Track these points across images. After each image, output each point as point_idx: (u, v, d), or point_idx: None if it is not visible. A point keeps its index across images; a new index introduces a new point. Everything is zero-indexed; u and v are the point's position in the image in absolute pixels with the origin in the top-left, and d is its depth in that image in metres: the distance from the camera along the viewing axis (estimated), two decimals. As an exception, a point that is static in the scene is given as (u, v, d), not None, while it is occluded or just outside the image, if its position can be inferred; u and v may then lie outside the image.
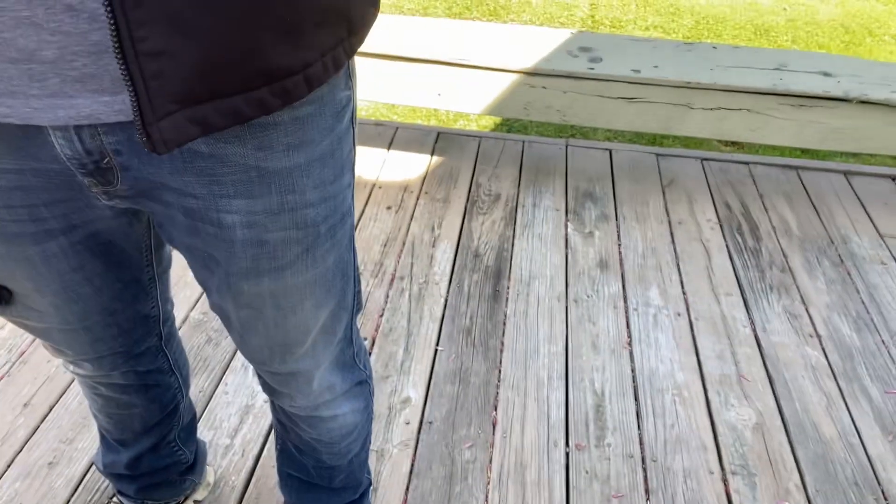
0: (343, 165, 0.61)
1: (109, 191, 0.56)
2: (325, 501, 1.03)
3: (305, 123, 0.54)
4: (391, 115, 3.12)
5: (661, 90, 2.04)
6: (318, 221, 0.61)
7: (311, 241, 0.61)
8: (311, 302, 0.67)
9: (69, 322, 0.71)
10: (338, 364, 0.81)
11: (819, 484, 1.39)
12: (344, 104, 0.58)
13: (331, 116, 0.56)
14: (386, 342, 1.65)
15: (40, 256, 0.62)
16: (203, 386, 1.52)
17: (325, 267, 0.65)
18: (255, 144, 0.53)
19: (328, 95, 0.55)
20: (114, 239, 0.67)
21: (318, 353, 0.75)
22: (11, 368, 1.53)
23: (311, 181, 0.57)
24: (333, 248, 0.65)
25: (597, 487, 1.36)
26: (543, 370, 1.60)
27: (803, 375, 1.62)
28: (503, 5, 4.25)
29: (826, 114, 2.03)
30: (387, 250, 1.94)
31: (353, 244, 0.71)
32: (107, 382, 0.89)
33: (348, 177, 0.64)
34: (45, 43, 0.42)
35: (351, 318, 0.78)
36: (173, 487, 1.15)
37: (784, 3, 4.49)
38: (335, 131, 0.58)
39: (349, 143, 0.62)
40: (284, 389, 0.80)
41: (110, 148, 0.51)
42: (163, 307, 0.87)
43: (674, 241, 2.03)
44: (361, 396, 0.90)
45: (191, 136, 0.46)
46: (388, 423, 1.46)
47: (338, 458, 0.95)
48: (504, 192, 2.21)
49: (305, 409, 0.84)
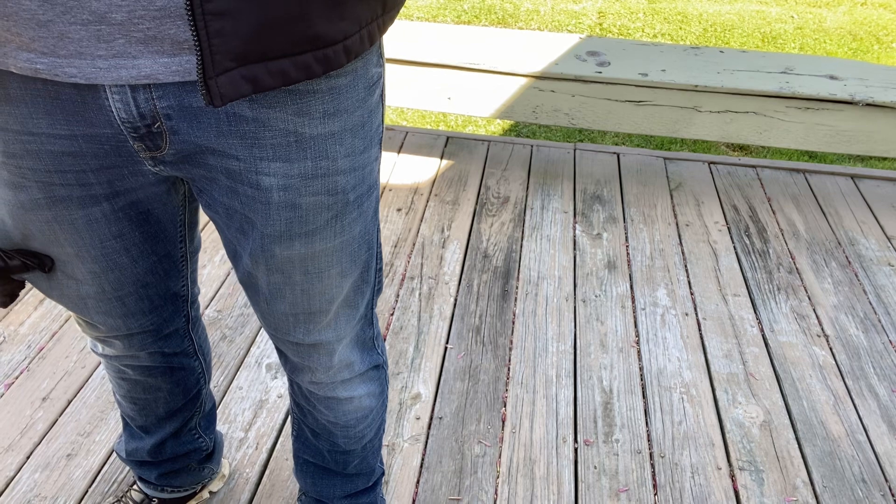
0: (372, 138, 0.65)
1: (157, 156, 0.60)
2: (339, 487, 1.05)
3: (341, 93, 0.58)
4: (401, 121, 3.16)
5: (668, 93, 2.06)
6: (348, 189, 0.64)
7: (339, 207, 0.65)
8: (337, 270, 0.70)
9: (105, 291, 0.74)
10: (358, 342, 0.84)
11: (826, 480, 1.40)
12: (375, 80, 0.62)
13: (363, 89, 0.60)
14: (397, 340, 1.68)
15: (84, 220, 0.65)
16: (218, 381, 1.55)
17: (352, 235, 0.69)
18: (294, 110, 0.57)
19: (361, 69, 0.59)
20: (152, 209, 0.71)
21: (341, 326, 0.78)
22: (31, 364, 1.56)
23: (342, 149, 0.61)
24: (360, 217, 0.68)
25: (605, 482, 1.38)
26: (552, 368, 1.62)
27: (811, 374, 1.63)
28: (511, 13, 4.30)
29: (832, 117, 2.05)
30: (397, 251, 1.97)
31: (377, 217, 0.74)
32: (134, 364, 0.92)
33: (376, 150, 0.67)
34: (116, 7, 0.46)
35: (372, 294, 0.81)
36: (192, 475, 1.17)
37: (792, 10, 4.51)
38: (367, 104, 0.61)
39: (379, 117, 0.65)
40: (306, 363, 0.83)
41: (162, 112, 0.55)
42: (191, 288, 0.90)
43: (681, 243, 2.05)
44: (377, 381, 0.92)
45: (243, 93, 0.50)
46: (398, 419, 1.48)
47: (352, 443, 0.97)
48: (513, 195, 2.23)
49: (324, 386, 0.87)
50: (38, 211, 0.64)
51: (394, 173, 2.31)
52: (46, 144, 0.58)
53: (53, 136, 0.57)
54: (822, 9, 4.56)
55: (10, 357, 1.58)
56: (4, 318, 1.69)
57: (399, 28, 2.30)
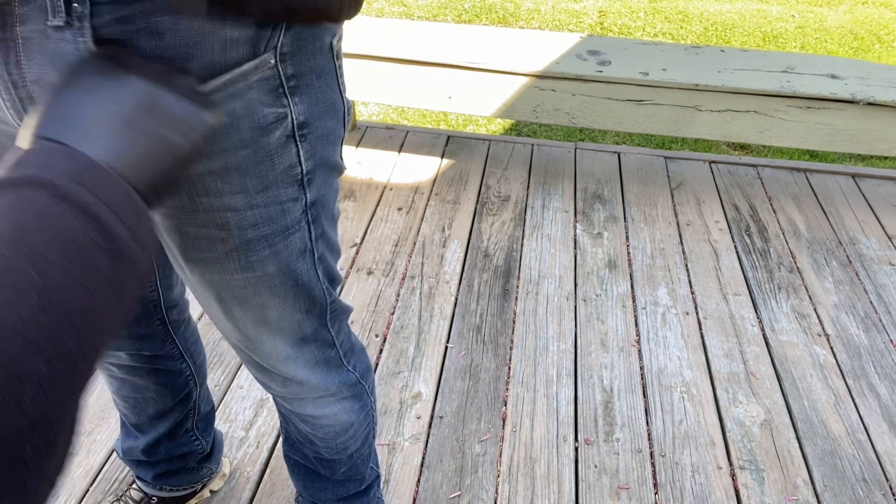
0: (277, 179, 0.61)
1: None
2: (330, 491, 1.04)
3: (217, 134, 0.55)
4: (401, 120, 3.16)
5: (669, 92, 2.06)
6: (245, 226, 0.62)
7: (238, 243, 0.63)
8: (257, 301, 0.69)
9: None
10: (317, 363, 0.81)
11: (827, 479, 1.40)
12: (271, 120, 0.58)
13: (248, 130, 0.57)
14: (397, 339, 1.68)
15: None
16: (219, 380, 1.55)
17: (265, 273, 0.66)
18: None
19: (241, 110, 0.56)
20: None
21: (279, 347, 0.75)
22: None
23: (229, 187, 0.59)
24: (274, 257, 0.66)
25: (605, 481, 1.38)
26: (552, 367, 1.62)
27: (811, 374, 1.63)
28: (512, 13, 4.30)
29: (833, 116, 2.05)
30: (398, 250, 1.97)
31: (312, 258, 0.70)
32: (118, 364, 0.93)
33: (289, 192, 0.63)
34: None
35: (322, 323, 0.77)
36: (190, 474, 1.17)
37: (793, 9, 4.50)
38: (258, 144, 0.58)
39: (288, 160, 0.61)
40: (258, 376, 0.82)
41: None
42: (164, 293, 0.91)
43: (682, 242, 2.05)
44: (355, 397, 0.89)
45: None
46: (399, 418, 1.48)
47: (336, 453, 0.96)
48: (513, 194, 2.23)
49: (292, 402, 0.86)
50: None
51: (394, 172, 2.31)
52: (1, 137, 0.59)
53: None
54: (823, 8, 4.55)
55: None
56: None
57: (399, 27, 2.30)
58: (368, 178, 2.28)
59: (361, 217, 2.10)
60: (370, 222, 2.08)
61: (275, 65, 0.55)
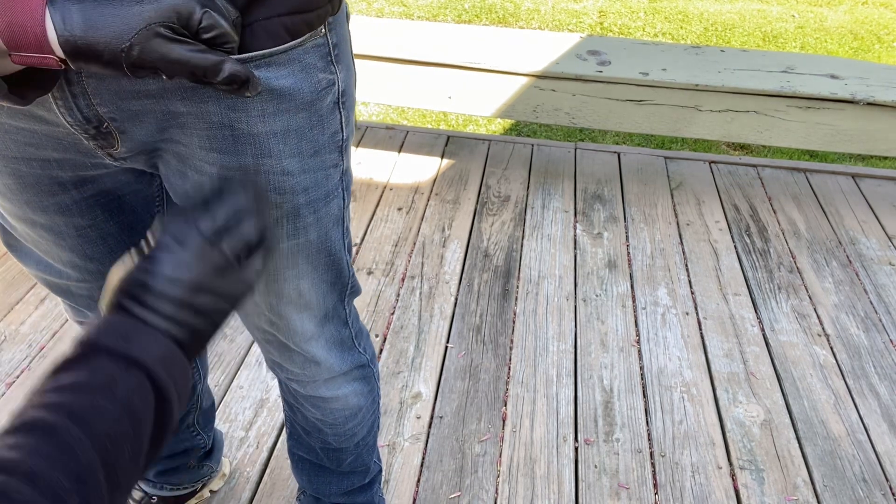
0: (325, 144, 0.64)
1: (113, 153, 0.61)
2: (335, 484, 1.05)
3: (282, 95, 0.58)
4: (401, 120, 3.16)
5: (669, 92, 2.06)
6: (297, 191, 0.65)
7: (289, 208, 0.65)
8: (293, 272, 0.71)
9: (86, 280, 0.76)
10: (334, 342, 0.84)
11: (827, 479, 1.40)
12: (324, 85, 0.61)
13: (308, 93, 0.60)
14: (397, 339, 1.68)
15: (55, 208, 0.67)
16: (219, 380, 1.55)
17: (307, 239, 0.69)
18: (228, 104, 0.57)
19: (300, 72, 0.59)
20: (125, 198, 0.72)
21: (305, 325, 0.78)
22: (32, 363, 1.57)
23: (287, 149, 0.61)
24: (316, 223, 0.69)
25: (605, 481, 1.38)
26: (552, 367, 1.62)
27: (811, 374, 1.63)
28: (512, 13, 4.30)
29: (833, 116, 2.05)
30: (398, 250, 1.97)
31: (342, 228, 0.74)
32: None
33: (333, 158, 0.66)
34: None
35: (342, 297, 0.81)
36: (191, 473, 1.17)
37: (793, 9, 4.51)
38: (313, 108, 0.61)
39: (334, 125, 0.65)
40: (278, 359, 0.84)
41: (106, 115, 0.56)
42: None
43: (682, 243, 2.05)
44: (363, 380, 0.92)
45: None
46: (399, 418, 1.48)
47: (344, 440, 0.97)
48: (513, 194, 2.23)
49: (306, 385, 0.87)
50: (14, 195, 0.66)
51: (394, 172, 2.31)
52: (11, 133, 0.59)
53: (16, 127, 0.59)
54: (823, 8, 4.55)
55: (11, 356, 1.58)
56: (5, 318, 1.69)
57: (399, 27, 2.30)
58: (368, 178, 2.28)
59: (361, 217, 2.10)
60: (370, 222, 2.08)
61: (325, 33, 0.59)
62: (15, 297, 1.76)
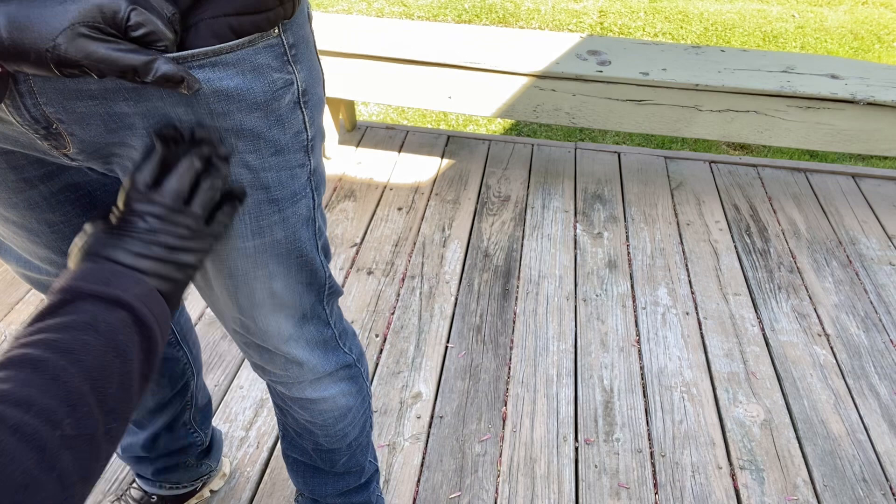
0: (288, 144, 0.64)
1: (67, 153, 0.61)
2: (330, 485, 1.05)
3: (229, 95, 0.57)
4: (401, 120, 3.16)
5: (669, 92, 2.06)
6: (257, 187, 0.64)
7: (250, 203, 0.65)
8: (263, 271, 0.71)
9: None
10: (316, 343, 0.83)
11: (827, 479, 1.40)
12: (280, 85, 0.60)
13: (261, 93, 0.59)
14: (397, 339, 1.68)
15: (25, 204, 0.67)
16: (219, 380, 1.55)
17: (274, 239, 0.69)
18: (173, 101, 0.56)
19: (252, 73, 0.58)
20: (95, 194, 0.72)
21: (282, 326, 0.77)
22: (32, 362, 1.56)
23: (243, 144, 0.61)
24: (283, 223, 0.68)
25: (605, 481, 1.38)
26: (553, 367, 1.62)
27: (811, 374, 1.63)
28: (512, 13, 4.30)
29: (833, 116, 2.05)
30: (398, 250, 1.97)
31: (313, 228, 0.73)
32: None
33: (298, 157, 0.66)
34: None
35: (319, 299, 0.80)
36: (190, 471, 1.17)
37: (793, 9, 4.51)
38: (270, 108, 0.60)
39: (296, 125, 0.64)
40: (257, 360, 0.83)
41: (53, 116, 0.56)
42: None
43: (682, 242, 2.05)
44: (351, 380, 0.91)
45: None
46: (399, 418, 1.48)
47: (335, 442, 0.97)
48: (513, 194, 2.23)
49: (291, 387, 0.86)
50: None
51: (394, 172, 2.31)
52: None
53: None
54: (823, 8, 4.55)
55: (11, 356, 1.58)
56: (5, 318, 1.69)
57: (399, 27, 2.30)
58: (368, 178, 2.28)
59: (361, 217, 2.10)
60: (370, 222, 2.08)
61: (279, 33, 0.58)
62: (15, 297, 1.76)
